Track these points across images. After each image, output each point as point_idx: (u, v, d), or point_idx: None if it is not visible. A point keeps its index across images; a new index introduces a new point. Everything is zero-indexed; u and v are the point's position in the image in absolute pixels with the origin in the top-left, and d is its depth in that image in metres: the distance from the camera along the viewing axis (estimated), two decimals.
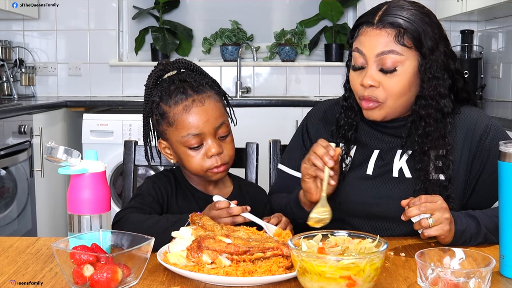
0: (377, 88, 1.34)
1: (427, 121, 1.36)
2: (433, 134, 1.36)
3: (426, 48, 1.33)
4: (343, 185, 1.42)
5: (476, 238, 1.26)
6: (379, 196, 1.41)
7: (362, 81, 1.35)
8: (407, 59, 1.33)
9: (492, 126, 1.40)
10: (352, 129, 1.46)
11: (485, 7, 3.34)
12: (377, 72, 1.34)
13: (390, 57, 1.32)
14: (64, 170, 1.13)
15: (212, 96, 1.40)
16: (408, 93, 1.36)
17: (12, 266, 1.13)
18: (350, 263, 0.92)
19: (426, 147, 1.36)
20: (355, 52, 1.38)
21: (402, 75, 1.33)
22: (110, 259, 0.99)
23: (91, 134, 3.43)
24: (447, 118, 1.38)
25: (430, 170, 1.37)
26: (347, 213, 1.43)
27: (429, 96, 1.35)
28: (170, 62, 1.45)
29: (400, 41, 1.32)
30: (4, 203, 3.00)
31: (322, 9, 4.19)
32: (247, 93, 4.28)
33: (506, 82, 3.74)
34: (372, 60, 1.34)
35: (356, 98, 1.42)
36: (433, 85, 1.35)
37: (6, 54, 4.05)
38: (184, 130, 1.37)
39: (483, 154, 1.39)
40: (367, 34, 1.35)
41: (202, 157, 1.39)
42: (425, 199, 1.19)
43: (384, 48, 1.33)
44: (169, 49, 4.16)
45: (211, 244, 1.07)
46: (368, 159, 1.44)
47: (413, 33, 1.32)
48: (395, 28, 1.32)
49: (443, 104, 1.36)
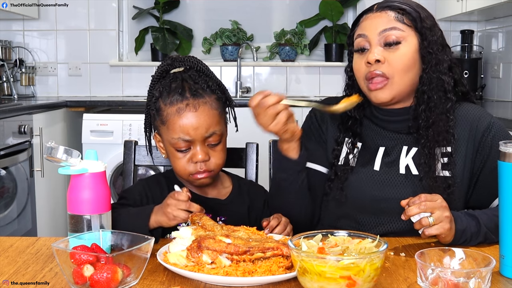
0: (382, 63, 1.38)
1: (429, 96, 1.40)
2: (436, 109, 1.39)
3: (425, 27, 1.39)
4: (351, 180, 1.44)
5: (476, 237, 1.26)
6: (386, 192, 1.41)
7: (368, 58, 1.39)
8: (408, 36, 1.39)
9: (494, 123, 1.43)
10: (357, 123, 1.48)
11: (485, 7, 3.34)
12: (381, 48, 1.39)
13: (393, 33, 1.38)
14: (64, 170, 1.13)
15: (209, 102, 1.39)
16: (413, 69, 1.40)
17: (12, 266, 1.13)
18: (350, 263, 0.92)
19: (430, 120, 1.39)
20: (358, 38, 1.43)
21: (406, 48, 1.38)
22: (110, 259, 0.99)
23: (91, 134, 3.43)
24: (448, 94, 1.41)
25: (436, 166, 1.38)
26: (354, 208, 1.44)
27: (431, 71, 1.39)
28: (180, 58, 1.44)
29: (400, 20, 1.39)
30: (4, 203, 3.00)
31: (322, 9, 4.19)
32: (247, 93, 4.28)
33: (506, 82, 3.74)
34: (376, 38, 1.39)
35: (362, 85, 1.43)
36: (433, 61, 1.39)
37: (6, 54, 4.05)
38: (175, 133, 1.37)
39: (484, 150, 1.40)
40: (369, 18, 1.43)
41: (187, 160, 1.39)
42: (425, 197, 1.20)
43: (386, 26, 1.39)
44: (169, 49, 4.16)
45: (211, 244, 1.07)
46: (375, 156, 1.45)
47: (412, 14, 1.40)
48: (394, 10, 1.40)
49: (444, 79, 1.40)
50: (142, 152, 1.70)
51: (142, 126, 1.50)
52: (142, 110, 1.48)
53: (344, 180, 1.44)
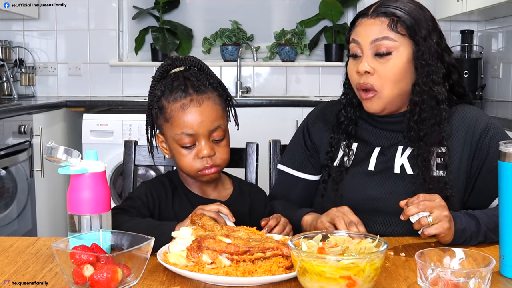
0: (372, 75, 1.37)
1: (422, 108, 1.39)
2: (428, 121, 1.38)
3: (419, 36, 1.37)
4: (346, 180, 1.44)
5: (476, 237, 1.26)
6: (381, 191, 1.42)
7: (358, 68, 1.39)
8: (401, 46, 1.37)
9: (492, 124, 1.42)
10: (352, 124, 1.48)
11: (485, 7, 3.34)
12: (372, 59, 1.38)
13: (384, 44, 1.36)
14: (64, 170, 1.13)
15: (212, 98, 1.39)
16: (404, 80, 1.38)
17: (12, 266, 1.13)
18: (350, 263, 0.92)
19: (422, 132, 1.38)
20: (352, 43, 1.42)
21: (396, 60, 1.37)
22: (110, 259, 0.99)
23: (91, 134, 3.43)
24: (441, 105, 1.39)
25: (431, 166, 1.38)
26: (350, 207, 1.43)
27: (422, 82, 1.38)
28: (180, 58, 1.44)
29: (394, 29, 1.37)
30: (4, 203, 3.00)
31: (322, 9, 4.19)
32: (247, 93, 4.28)
33: (506, 82, 3.74)
34: (367, 47, 1.38)
35: (355, 91, 1.44)
36: (425, 71, 1.38)
37: (6, 54, 4.05)
38: (179, 128, 1.37)
39: (482, 151, 1.40)
40: (362, 24, 1.40)
41: (193, 157, 1.38)
42: (423, 197, 1.20)
43: (378, 35, 1.37)
44: (169, 49, 4.16)
45: (211, 244, 1.07)
46: (370, 156, 1.46)
47: (406, 21, 1.37)
48: (388, 17, 1.37)
49: (437, 90, 1.39)
50: (142, 152, 1.70)
51: (142, 126, 1.51)
52: (142, 110, 1.48)
53: (339, 182, 1.45)
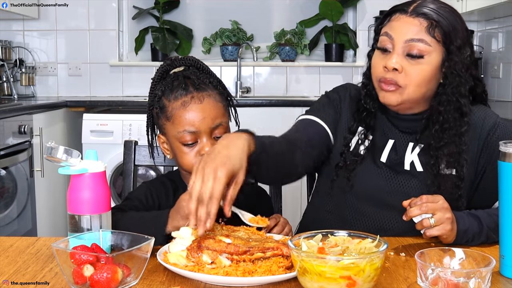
0: (399, 73, 1.35)
1: (445, 118, 1.37)
2: (450, 131, 1.37)
3: (455, 45, 1.35)
4: (359, 169, 1.44)
5: (478, 237, 1.26)
6: (391, 185, 1.41)
7: (386, 63, 1.36)
8: (434, 51, 1.35)
9: (500, 123, 1.42)
10: (371, 116, 1.47)
11: (485, 7, 3.33)
12: (402, 57, 1.36)
13: (418, 45, 1.34)
14: (64, 170, 1.13)
15: (213, 96, 1.40)
16: (428, 85, 1.37)
17: (12, 266, 1.13)
18: (350, 263, 0.92)
19: (442, 142, 1.37)
20: (384, 36, 1.39)
21: (427, 65, 1.35)
22: (110, 259, 0.99)
23: (91, 134, 3.43)
24: (464, 117, 1.38)
25: (442, 165, 1.37)
26: (358, 197, 1.43)
27: (450, 92, 1.37)
28: (179, 58, 1.45)
29: (431, 33, 1.34)
30: (4, 203, 3.00)
31: (322, 9, 4.19)
32: (247, 93, 4.28)
33: (506, 82, 3.74)
34: (400, 45, 1.36)
35: (374, 83, 1.42)
36: (456, 82, 1.36)
37: (6, 54, 4.05)
38: (181, 126, 1.37)
39: (489, 150, 1.40)
40: (400, 20, 1.37)
41: (195, 155, 1.38)
42: (426, 199, 1.20)
43: (414, 36, 1.35)
44: (169, 49, 4.16)
45: (211, 244, 1.07)
46: (383, 148, 1.45)
47: (444, 28, 1.34)
48: (428, 20, 1.34)
49: (463, 103, 1.37)
50: (142, 152, 1.69)
51: (142, 126, 1.51)
52: (142, 110, 1.48)
53: (352, 170, 1.44)
